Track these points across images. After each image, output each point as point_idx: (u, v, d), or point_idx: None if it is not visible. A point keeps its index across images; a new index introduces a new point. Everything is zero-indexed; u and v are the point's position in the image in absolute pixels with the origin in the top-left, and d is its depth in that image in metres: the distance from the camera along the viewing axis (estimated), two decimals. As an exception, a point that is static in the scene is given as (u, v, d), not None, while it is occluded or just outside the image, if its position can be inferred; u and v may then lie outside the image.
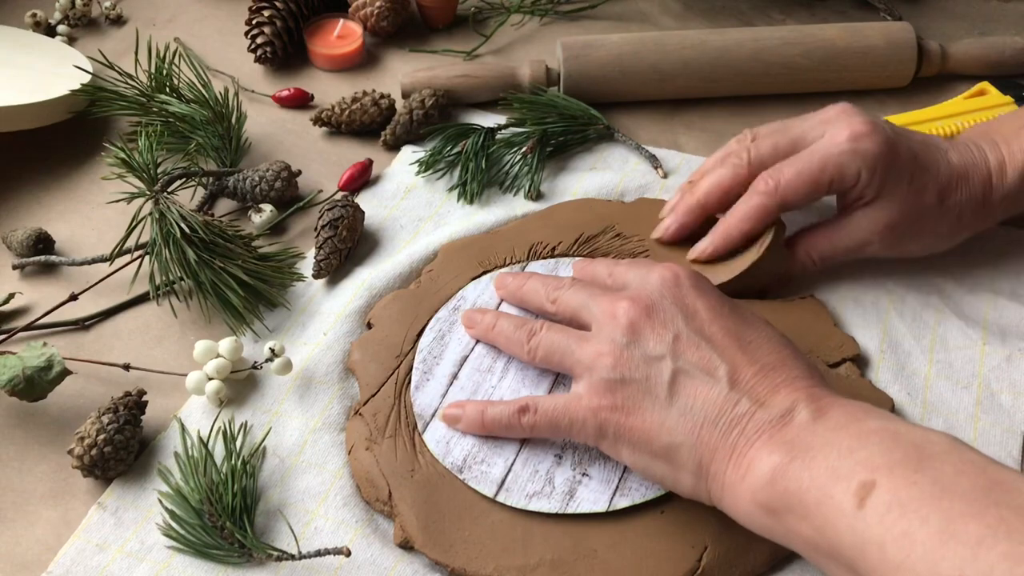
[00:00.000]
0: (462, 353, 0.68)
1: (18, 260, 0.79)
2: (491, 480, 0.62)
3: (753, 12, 1.03)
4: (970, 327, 0.72)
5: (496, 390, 0.65)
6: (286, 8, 0.96)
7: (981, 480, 0.45)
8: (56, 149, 0.89)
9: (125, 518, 0.63)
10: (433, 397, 0.66)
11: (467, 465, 0.63)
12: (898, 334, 0.71)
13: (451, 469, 0.63)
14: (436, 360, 0.68)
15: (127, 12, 1.05)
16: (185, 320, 0.74)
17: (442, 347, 0.69)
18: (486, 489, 0.62)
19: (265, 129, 0.91)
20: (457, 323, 0.70)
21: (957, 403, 0.68)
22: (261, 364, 0.69)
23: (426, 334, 0.69)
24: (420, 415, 0.65)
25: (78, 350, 0.73)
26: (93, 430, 0.64)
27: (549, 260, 0.73)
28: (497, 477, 0.62)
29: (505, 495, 0.61)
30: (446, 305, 0.71)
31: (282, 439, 0.67)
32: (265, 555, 0.59)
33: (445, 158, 0.85)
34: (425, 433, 0.64)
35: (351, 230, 0.77)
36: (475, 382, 0.66)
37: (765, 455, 0.52)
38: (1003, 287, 0.74)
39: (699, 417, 0.55)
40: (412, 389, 0.67)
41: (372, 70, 0.98)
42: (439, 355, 0.68)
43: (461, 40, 1.00)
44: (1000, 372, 0.69)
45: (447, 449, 0.63)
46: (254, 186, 0.82)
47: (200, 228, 0.72)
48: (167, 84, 0.87)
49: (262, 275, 0.74)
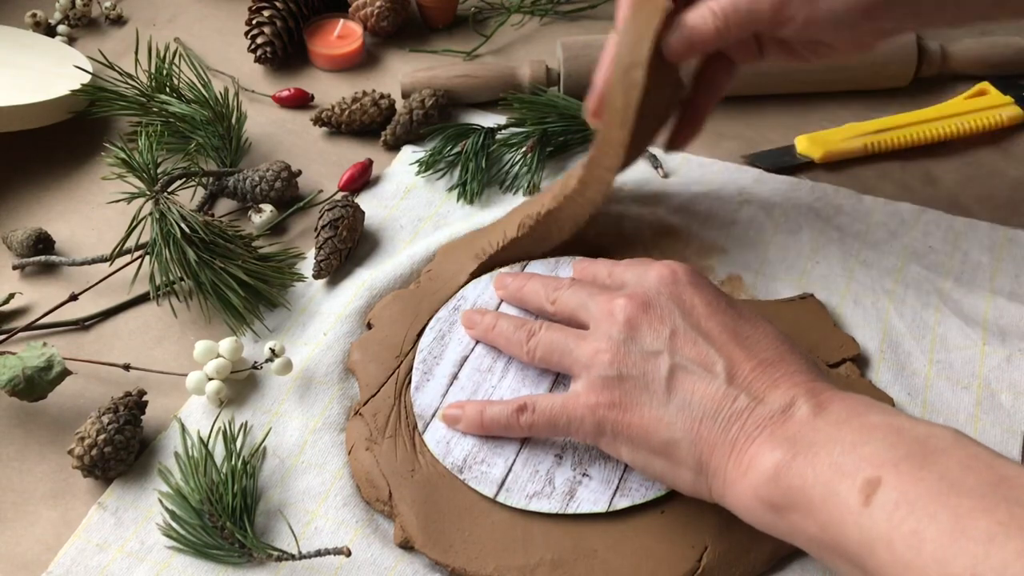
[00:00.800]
0: (462, 353, 0.68)
1: (18, 260, 0.79)
2: (491, 480, 0.62)
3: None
4: (970, 327, 0.72)
5: (496, 390, 0.65)
6: (286, 8, 0.96)
7: (988, 475, 0.45)
8: (56, 149, 0.89)
9: (125, 518, 0.63)
10: (433, 397, 0.66)
11: (467, 465, 0.63)
12: (898, 334, 0.71)
13: (451, 469, 0.63)
14: (436, 360, 0.68)
15: (127, 12, 1.05)
16: (185, 320, 0.74)
17: (442, 347, 0.68)
18: (486, 489, 0.62)
19: (265, 129, 0.91)
20: (457, 323, 0.70)
21: (957, 403, 0.68)
22: (261, 364, 0.69)
23: (426, 334, 0.69)
24: (420, 415, 0.65)
25: (78, 350, 0.73)
26: (93, 430, 0.64)
27: (549, 260, 0.73)
28: (497, 477, 0.62)
29: (505, 495, 0.61)
30: (446, 305, 0.71)
31: (282, 439, 0.67)
32: (265, 555, 0.59)
33: (445, 158, 0.85)
34: (425, 433, 0.64)
35: (351, 230, 0.77)
36: (475, 382, 0.66)
37: (767, 451, 0.51)
38: (1002, 286, 0.74)
39: (697, 413, 0.55)
40: (412, 389, 0.67)
41: (372, 70, 0.98)
42: (439, 355, 0.68)
43: (461, 40, 1.00)
44: (1000, 372, 0.69)
45: (447, 449, 0.63)
46: (254, 186, 0.82)
47: (200, 228, 0.72)
48: (167, 84, 0.87)
49: (262, 275, 0.74)
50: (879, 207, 0.80)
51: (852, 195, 0.81)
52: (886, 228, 0.78)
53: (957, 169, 0.85)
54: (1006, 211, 0.81)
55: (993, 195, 0.83)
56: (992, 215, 0.80)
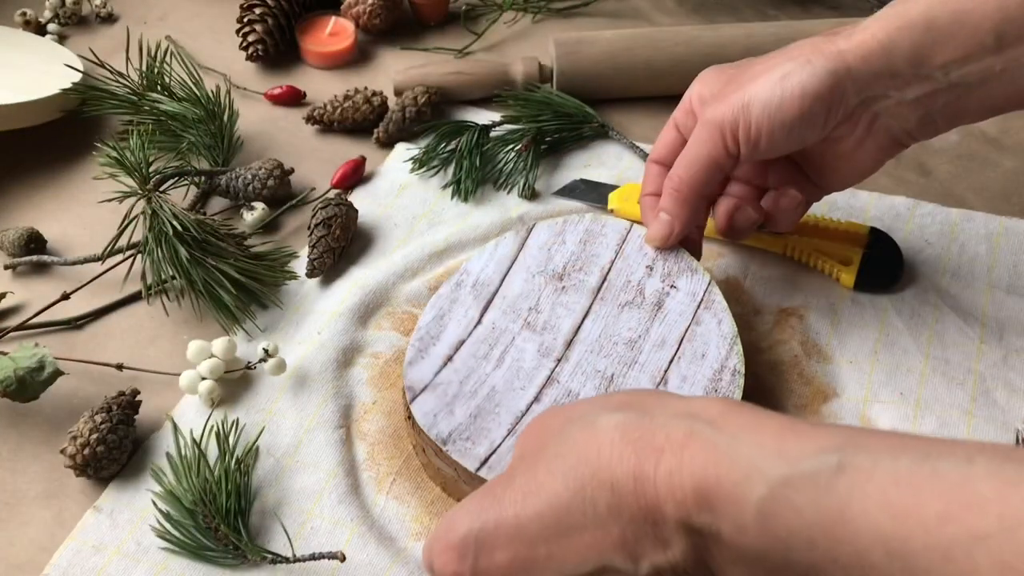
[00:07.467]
0: (460, 336, 0.67)
1: (10, 260, 0.78)
2: (474, 456, 0.61)
3: (746, 8, 1.02)
4: (968, 324, 0.71)
5: (489, 379, 0.65)
6: (277, 5, 0.96)
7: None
8: (47, 148, 0.88)
9: (120, 519, 0.63)
10: (426, 374, 0.65)
11: (451, 439, 0.62)
12: (895, 331, 0.71)
13: (435, 440, 0.62)
14: (433, 340, 0.67)
15: (118, 10, 1.05)
16: (178, 319, 0.74)
17: (440, 328, 0.67)
18: (469, 463, 0.61)
19: (257, 127, 0.90)
20: (458, 302, 0.68)
21: (951, 399, 0.68)
22: (255, 364, 0.69)
23: (426, 312, 0.68)
24: (410, 387, 0.65)
25: (71, 350, 0.72)
26: (86, 429, 0.63)
27: (558, 220, 0.72)
28: (481, 455, 0.61)
29: (487, 472, 0.61)
30: (448, 281, 0.70)
31: (276, 439, 0.67)
32: (260, 558, 0.59)
33: (439, 156, 0.85)
34: (414, 404, 0.64)
35: (344, 229, 0.77)
36: (469, 367, 0.65)
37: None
38: (1000, 278, 0.74)
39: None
40: (405, 363, 0.66)
41: (364, 67, 0.97)
42: (436, 336, 0.67)
43: (454, 37, 1.00)
44: (996, 370, 0.69)
45: (433, 422, 0.63)
46: (247, 184, 0.81)
47: (192, 227, 0.72)
48: (158, 82, 0.86)
49: (255, 274, 0.74)
50: (874, 201, 0.80)
51: (847, 191, 0.81)
52: (880, 223, 0.78)
53: (951, 160, 0.85)
54: (1000, 201, 0.81)
55: (987, 186, 0.83)
56: (987, 206, 0.81)
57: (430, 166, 0.85)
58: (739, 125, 0.63)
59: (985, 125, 0.87)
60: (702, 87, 0.67)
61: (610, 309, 0.67)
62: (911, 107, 0.63)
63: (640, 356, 0.65)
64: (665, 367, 0.65)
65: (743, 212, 0.68)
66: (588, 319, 0.67)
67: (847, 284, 0.74)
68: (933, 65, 0.61)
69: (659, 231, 0.68)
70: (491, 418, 0.63)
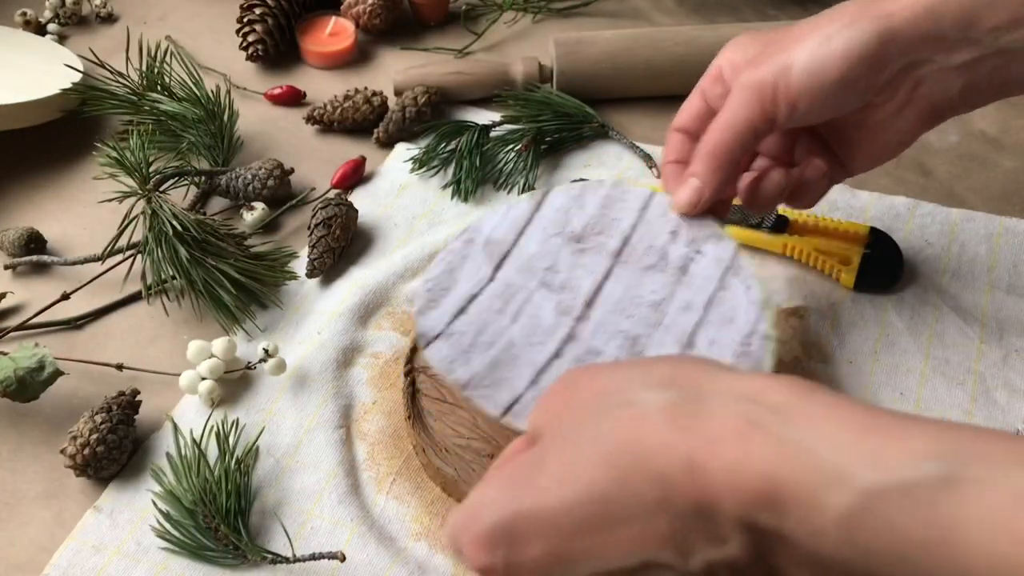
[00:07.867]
0: (472, 291, 0.64)
1: (10, 260, 0.78)
2: (497, 402, 0.59)
3: (747, 8, 1.02)
4: (968, 324, 0.72)
5: (506, 332, 0.62)
6: (278, 5, 0.96)
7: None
8: (47, 148, 0.88)
9: (120, 519, 0.63)
10: (438, 322, 0.62)
11: (472, 385, 0.59)
12: (895, 331, 0.71)
13: (455, 385, 0.59)
14: (444, 292, 0.64)
15: (118, 10, 1.05)
16: (178, 319, 0.74)
17: (452, 280, 0.64)
18: (492, 408, 0.58)
19: (257, 127, 0.90)
20: (469, 257, 0.66)
21: (951, 399, 0.68)
22: (255, 364, 0.69)
23: (434, 266, 0.65)
24: (423, 334, 0.62)
25: (71, 350, 0.72)
26: (86, 429, 0.63)
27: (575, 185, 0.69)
28: (504, 401, 0.59)
29: (512, 418, 0.58)
30: (459, 237, 0.67)
31: (276, 439, 0.67)
32: (260, 558, 0.59)
33: (439, 155, 0.85)
34: (428, 350, 0.61)
35: (344, 229, 0.77)
36: (484, 320, 0.62)
37: None
38: (1000, 279, 0.74)
39: None
40: (415, 312, 0.63)
41: (364, 67, 0.97)
42: (447, 288, 0.64)
43: (454, 37, 1.00)
44: (996, 370, 0.69)
45: (450, 368, 0.60)
46: (246, 184, 0.81)
47: (192, 227, 0.72)
48: (158, 82, 0.86)
49: (255, 274, 0.74)
50: (874, 201, 0.80)
51: (847, 190, 0.81)
52: (880, 223, 0.78)
53: (951, 160, 0.85)
54: (1000, 201, 0.81)
55: (987, 186, 0.83)
56: (987, 206, 0.81)
57: (430, 166, 0.85)
58: (779, 88, 0.60)
59: (985, 125, 0.87)
60: (734, 53, 0.64)
61: (632, 272, 0.64)
62: (956, 73, 0.60)
63: (665, 319, 0.62)
64: (691, 330, 0.61)
65: (769, 178, 0.65)
66: (609, 280, 0.64)
67: (847, 284, 0.74)
68: (982, 29, 0.58)
69: (688, 196, 0.64)
70: (511, 368, 0.60)
